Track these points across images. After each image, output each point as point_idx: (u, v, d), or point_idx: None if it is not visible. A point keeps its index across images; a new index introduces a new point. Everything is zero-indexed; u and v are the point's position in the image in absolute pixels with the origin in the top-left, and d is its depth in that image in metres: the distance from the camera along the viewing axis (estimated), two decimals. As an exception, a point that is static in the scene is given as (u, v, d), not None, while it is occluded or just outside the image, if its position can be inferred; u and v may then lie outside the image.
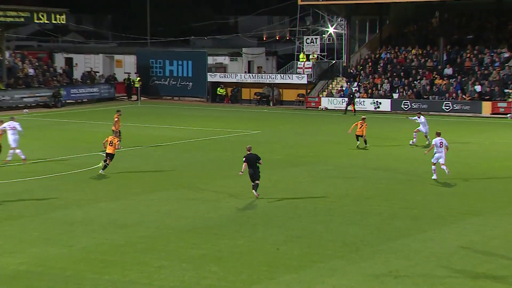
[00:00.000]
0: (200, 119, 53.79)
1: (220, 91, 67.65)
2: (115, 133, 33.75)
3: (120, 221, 23.82)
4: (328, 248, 20.73)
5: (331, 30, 71.38)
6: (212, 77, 68.18)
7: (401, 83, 61.16)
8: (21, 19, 61.20)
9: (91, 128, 47.91)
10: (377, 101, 59.66)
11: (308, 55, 66.82)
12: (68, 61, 77.74)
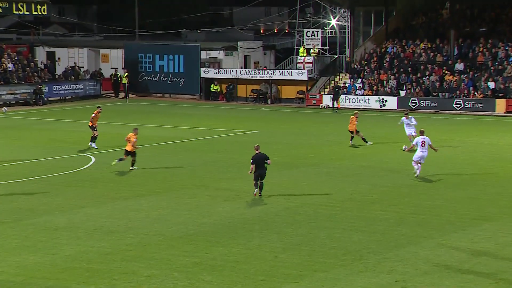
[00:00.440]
0: (192, 118, 53.89)
1: (214, 88, 67.71)
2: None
3: (107, 227, 23.91)
4: (330, 256, 20.84)
5: (333, 22, 71.51)
6: (206, 73, 68.21)
7: (409, 79, 61.27)
8: (-1, 10, 61.34)
9: (75, 128, 47.96)
10: (382, 99, 59.73)
11: (308, 49, 66.89)
12: (50, 56, 77.69)
